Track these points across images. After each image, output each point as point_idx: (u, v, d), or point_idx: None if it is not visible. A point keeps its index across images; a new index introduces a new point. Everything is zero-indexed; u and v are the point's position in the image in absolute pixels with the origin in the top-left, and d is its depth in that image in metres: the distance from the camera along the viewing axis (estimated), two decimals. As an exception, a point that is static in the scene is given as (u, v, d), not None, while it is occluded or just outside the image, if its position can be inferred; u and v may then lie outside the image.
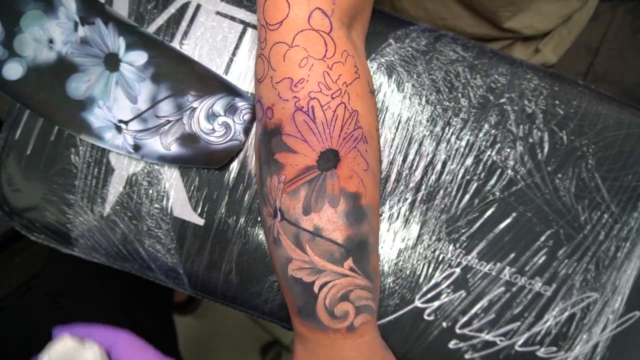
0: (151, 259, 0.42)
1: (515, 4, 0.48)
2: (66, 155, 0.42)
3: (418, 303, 0.41)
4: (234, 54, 0.41)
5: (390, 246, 0.41)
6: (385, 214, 0.41)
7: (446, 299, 0.41)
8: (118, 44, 0.40)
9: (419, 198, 0.41)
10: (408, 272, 0.41)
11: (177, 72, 0.40)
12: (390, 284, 0.41)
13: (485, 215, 0.41)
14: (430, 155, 0.41)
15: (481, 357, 0.41)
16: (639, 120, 0.41)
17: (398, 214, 0.41)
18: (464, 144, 0.41)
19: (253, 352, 1.18)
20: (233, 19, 0.41)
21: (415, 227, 0.41)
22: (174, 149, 0.40)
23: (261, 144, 0.34)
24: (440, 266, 0.41)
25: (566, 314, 0.41)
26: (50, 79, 0.40)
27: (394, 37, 0.41)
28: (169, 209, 0.41)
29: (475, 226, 0.41)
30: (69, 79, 0.40)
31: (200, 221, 0.41)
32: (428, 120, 0.41)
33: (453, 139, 0.41)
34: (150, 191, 0.41)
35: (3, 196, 0.42)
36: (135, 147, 0.40)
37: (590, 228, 0.41)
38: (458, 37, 0.42)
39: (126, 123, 0.40)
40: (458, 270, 0.41)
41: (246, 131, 0.40)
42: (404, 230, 0.41)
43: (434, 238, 0.41)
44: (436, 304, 0.41)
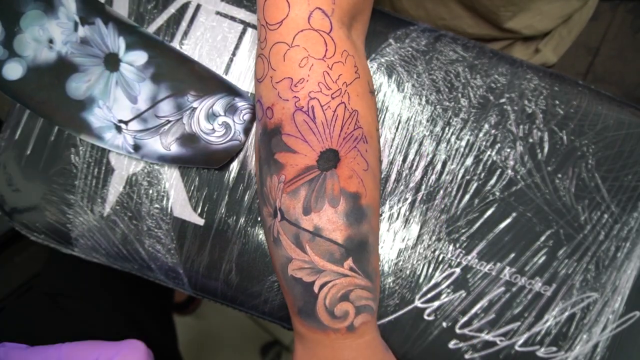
0: (151, 259, 0.42)
1: (515, 4, 0.48)
2: (66, 155, 0.42)
3: (418, 303, 0.41)
4: (234, 54, 0.41)
5: (390, 246, 0.41)
6: (385, 214, 0.41)
7: (446, 299, 0.41)
8: (118, 44, 0.40)
9: (419, 198, 0.41)
10: (408, 272, 0.41)
11: (177, 72, 0.40)
12: (390, 284, 0.41)
13: (485, 215, 0.41)
14: (430, 155, 0.41)
15: (481, 357, 0.41)
16: (639, 120, 0.41)
17: (398, 214, 0.41)
18: (464, 144, 0.41)
19: (253, 352, 1.18)
20: (233, 19, 0.41)
21: (415, 227, 0.41)
22: (174, 149, 0.40)
23: (261, 144, 0.34)
24: (440, 266, 0.41)
25: (566, 314, 0.41)
26: (50, 79, 0.40)
27: (394, 37, 0.41)
28: (169, 209, 0.41)
29: (475, 226, 0.41)
30: (69, 79, 0.40)
31: (200, 221, 0.41)
32: (428, 120, 0.41)
33: (453, 139, 0.41)
34: (150, 191, 0.41)
35: (3, 196, 0.42)
36: (135, 147, 0.40)
37: (590, 228, 0.41)
38: (458, 37, 0.42)
39: (126, 123, 0.40)
40: (458, 270, 0.41)
41: (246, 131, 0.40)
42: (404, 230, 0.41)
43: (434, 238, 0.41)
44: (436, 304, 0.41)
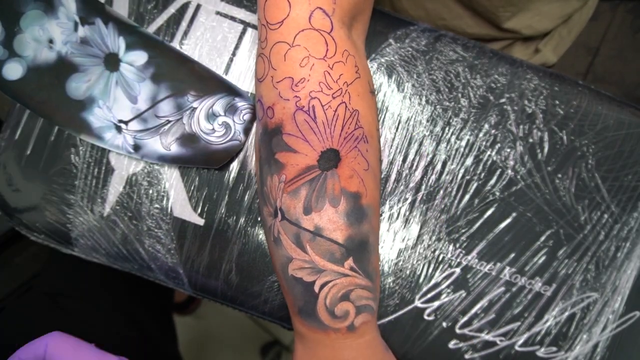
0: (151, 259, 0.42)
1: (514, 5, 0.48)
2: (66, 155, 0.42)
3: (418, 303, 0.41)
4: (234, 54, 0.41)
5: (390, 246, 0.41)
6: (385, 214, 0.41)
7: (446, 299, 0.41)
8: (118, 44, 0.40)
9: (419, 198, 0.41)
10: (408, 272, 0.41)
11: (177, 72, 0.40)
12: (390, 284, 0.41)
13: (485, 215, 0.41)
14: (430, 155, 0.41)
15: (481, 357, 0.41)
16: (639, 120, 0.41)
17: (398, 214, 0.41)
18: (464, 144, 0.41)
19: (253, 352, 1.18)
20: (233, 19, 0.41)
21: (415, 227, 0.41)
22: (174, 149, 0.40)
23: (262, 144, 0.34)
24: (440, 266, 0.41)
25: (566, 314, 0.41)
26: (50, 79, 0.40)
27: (394, 37, 0.41)
28: (169, 209, 0.41)
29: (475, 226, 0.41)
30: (69, 79, 0.40)
31: (200, 221, 0.41)
32: (428, 120, 0.41)
33: (453, 139, 0.41)
34: (150, 191, 0.41)
35: (3, 196, 0.42)
36: (135, 147, 0.40)
37: (590, 228, 0.41)
38: (458, 37, 0.42)
39: (126, 123, 0.40)
40: (458, 270, 0.41)
41: (246, 131, 0.40)
42: (404, 230, 0.41)
43: (434, 238, 0.41)
44: (436, 304, 0.41)
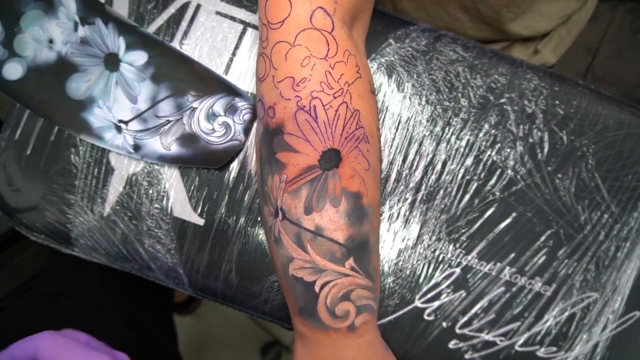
0: (151, 259, 0.42)
1: (517, 5, 0.48)
2: (66, 155, 0.42)
3: (418, 303, 0.41)
4: (234, 54, 0.41)
5: (390, 246, 0.41)
6: (385, 214, 0.41)
7: (446, 299, 0.41)
8: (118, 44, 0.40)
9: (419, 198, 0.41)
10: (408, 272, 0.41)
11: (177, 72, 0.40)
12: (390, 284, 0.41)
13: (485, 215, 0.41)
14: (430, 155, 0.41)
15: (481, 357, 0.41)
16: (639, 121, 0.41)
17: (398, 214, 0.41)
18: (464, 144, 0.41)
19: (253, 352, 1.18)
20: (233, 19, 0.41)
21: (415, 227, 0.41)
22: (174, 149, 0.40)
23: (262, 143, 0.34)
24: (440, 266, 0.41)
25: (566, 314, 0.41)
26: (50, 79, 0.40)
27: (394, 37, 0.41)
28: (169, 209, 0.41)
29: (475, 226, 0.41)
30: (69, 79, 0.40)
31: (200, 221, 0.41)
32: (428, 120, 0.41)
33: (453, 139, 0.41)
34: (150, 191, 0.41)
35: (3, 196, 0.42)
36: (135, 147, 0.40)
37: (590, 228, 0.41)
38: (458, 37, 0.42)
39: (126, 123, 0.40)
40: (458, 270, 0.41)
41: (246, 131, 0.40)
42: (404, 230, 0.41)
43: (434, 238, 0.41)
44: (436, 304, 0.41)
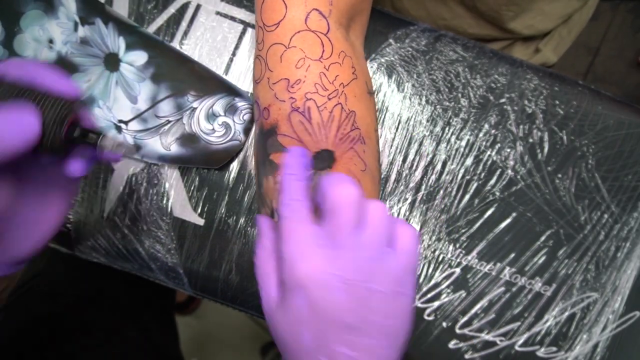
0: (151, 259, 0.42)
1: (517, 4, 0.48)
2: (66, 155, 0.42)
3: (418, 303, 0.41)
4: (234, 54, 0.41)
5: (390, 246, 0.41)
6: (385, 214, 0.41)
7: (446, 299, 0.41)
8: (118, 44, 0.40)
9: (419, 198, 0.41)
10: (408, 272, 0.41)
11: (177, 72, 0.40)
12: (390, 284, 0.41)
13: (485, 215, 0.41)
14: (430, 155, 0.41)
15: (481, 357, 0.41)
16: (639, 121, 0.41)
17: (398, 214, 0.41)
18: (464, 144, 0.41)
19: (253, 352, 1.18)
20: (233, 19, 0.41)
21: (415, 227, 0.41)
22: (174, 149, 0.40)
23: (257, 145, 0.34)
24: (440, 266, 0.41)
25: (566, 314, 0.41)
26: (50, 79, 0.40)
27: (394, 37, 0.41)
28: (169, 209, 0.41)
29: (475, 226, 0.41)
30: (69, 79, 0.40)
31: (200, 221, 0.41)
32: (428, 120, 0.41)
33: (453, 139, 0.41)
34: (150, 191, 0.41)
35: (3, 196, 0.42)
36: (136, 147, 0.40)
37: (590, 228, 0.41)
38: (458, 37, 0.42)
39: (126, 123, 0.40)
40: (458, 270, 0.41)
41: (246, 131, 0.40)
42: (404, 230, 0.41)
43: (434, 238, 0.41)
44: (436, 304, 0.41)
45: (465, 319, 0.41)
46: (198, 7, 0.41)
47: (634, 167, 0.41)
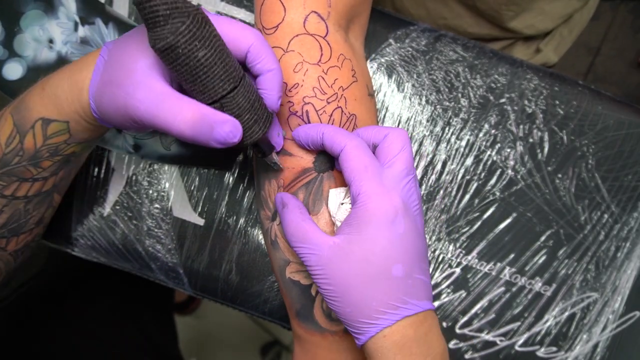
0: (151, 259, 0.42)
1: (517, 4, 0.48)
2: (66, 155, 0.42)
3: (418, 303, 0.41)
4: (233, 54, 0.41)
5: (390, 246, 0.41)
6: (385, 214, 0.41)
7: (446, 299, 0.41)
8: (118, 44, 0.40)
9: (419, 198, 0.41)
10: (408, 272, 0.41)
11: (177, 72, 0.40)
12: (390, 284, 0.41)
13: (485, 215, 0.41)
14: (430, 155, 0.41)
15: (481, 357, 0.41)
16: (639, 121, 0.41)
17: (398, 214, 0.41)
18: (464, 144, 0.41)
19: (253, 352, 1.18)
20: (233, 19, 0.41)
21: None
22: (174, 149, 0.40)
23: None
24: (440, 266, 0.41)
25: (566, 314, 0.41)
26: (50, 79, 0.40)
27: (394, 37, 0.41)
28: (169, 209, 0.41)
29: (475, 226, 0.41)
30: (69, 79, 0.40)
31: (200, 221, 0.41)
32: (428, 120, 0.41)
33: (453, 139, 0.41)
34: (150, 191, 0.41)
35: (3, 196, 0.42)
36: (135, 147, 0.40)
37: (590, 228, 0.41)
38: (458, 37, 0.42)
39: (126, 123, 0.40)
40: (458, 270, 0.41)
41: (246, 131, 0.40)
42: (404, 230, 0.41)
43: (434, 238, 0.41)
44: (436, 304, 0.41)
45: (465, 319, 0.41)
46: (198, 7, 0.41)
47: (634, 167, 0.41)
